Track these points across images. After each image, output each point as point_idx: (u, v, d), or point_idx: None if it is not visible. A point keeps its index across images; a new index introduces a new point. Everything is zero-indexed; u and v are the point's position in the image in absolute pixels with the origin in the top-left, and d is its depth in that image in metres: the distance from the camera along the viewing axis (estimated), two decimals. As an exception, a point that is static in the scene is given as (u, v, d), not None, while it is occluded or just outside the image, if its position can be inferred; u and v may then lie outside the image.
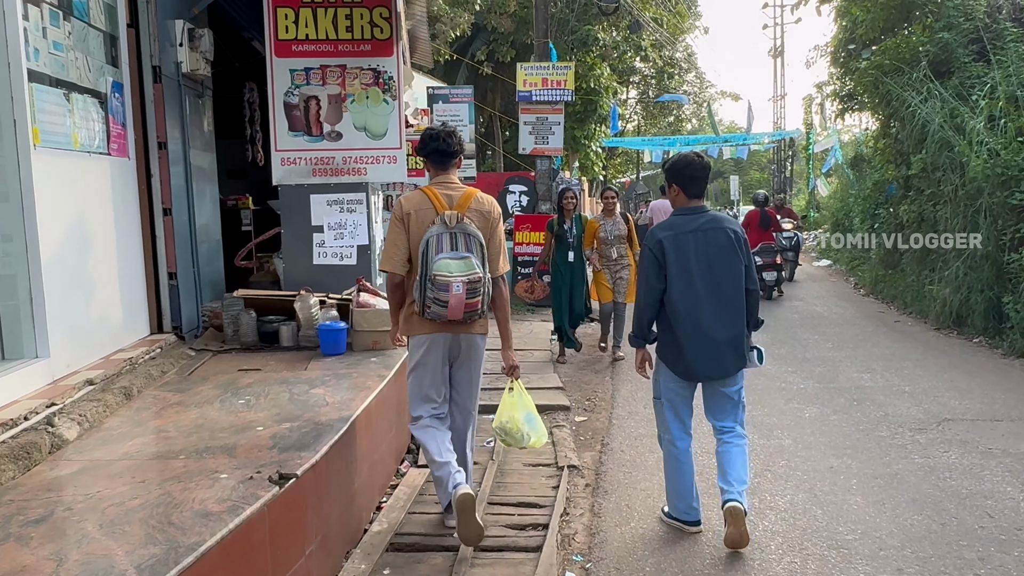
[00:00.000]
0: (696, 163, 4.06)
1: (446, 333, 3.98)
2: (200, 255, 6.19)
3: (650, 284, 4.00)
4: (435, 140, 4.07)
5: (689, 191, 4.06)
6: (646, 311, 4.07)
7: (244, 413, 4.10)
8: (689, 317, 3.93)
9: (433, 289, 3.76)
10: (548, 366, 8.30)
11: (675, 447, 4.19)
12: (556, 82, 12.01)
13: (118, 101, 5.28)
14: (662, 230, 4.04)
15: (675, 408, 4.18)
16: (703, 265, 3.91)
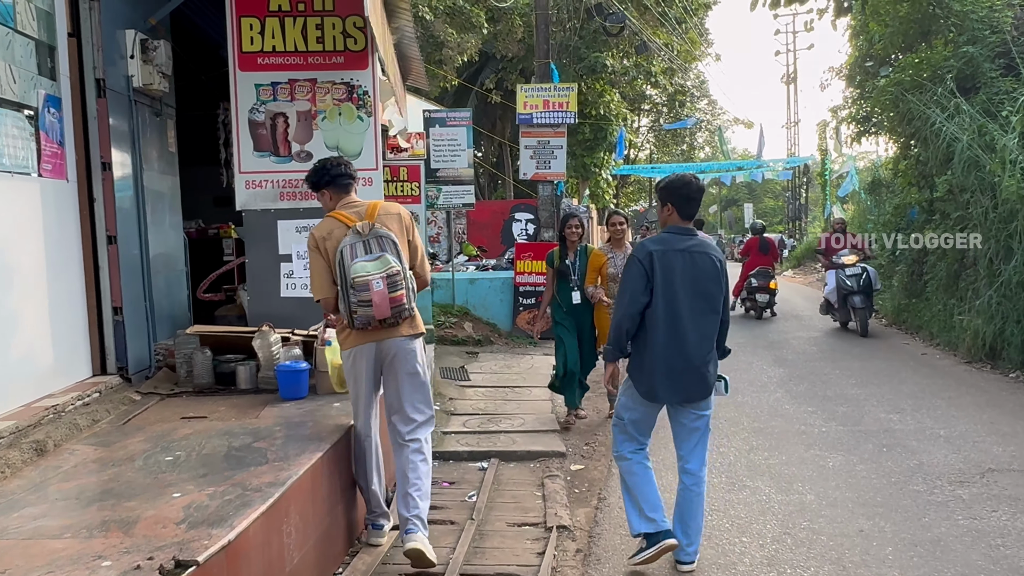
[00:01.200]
0: (693, 184, 4.01)
1: (370, 343, 4.01)
2: (155, 287, 5.61)
3: (634, 296, 3.89)
4: (336, 167, 4.20)
5: (683, 211, 3.99)
6: (626, 322, 3.94)
7: (166, 474, 3.48)
8: (665, 335, 3.87)
9: (355, 293, 3.81)
10: (546, 406, 7.63)
11: (628, 459, 4.14)
12: (558, 104, 11.48)
13: (54, 117, 4.74)
14: (653, 244, 3.96)
15: (637, 428, 4.13)
16: (687, 286, 3.87)
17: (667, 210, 4.00)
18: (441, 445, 6.19)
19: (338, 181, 4.17)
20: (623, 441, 4.20)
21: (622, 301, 3.96)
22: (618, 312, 3.97)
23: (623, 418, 4.18)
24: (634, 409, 4.10)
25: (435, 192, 11.40)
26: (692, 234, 3.99)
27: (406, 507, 4.05)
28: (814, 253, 11.90)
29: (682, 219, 3.97)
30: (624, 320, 3.93)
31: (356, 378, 4.12)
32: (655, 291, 3.85)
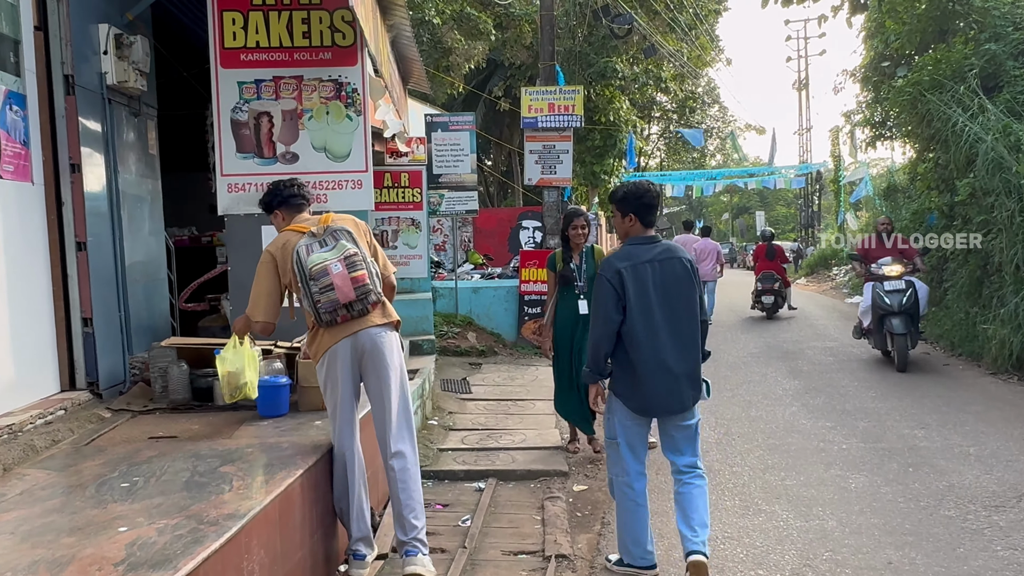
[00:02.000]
0: (652, 191, 3.96)
1: (344, 339, 3.79)
2: (131, 297, 5.30)
3: (608, 316, 3.80)
4: (289, 188, 4.11)
5: (645, 220, 3.92)
6: (603, 344, 3.86)
7: (117, 504, 3.13)
8: (649, 349, 3.78)
9: (315, 283, 3.68)
10: (549, 420, 7.25)
11: (632, 489, 3.95)
12: (563, 107, 11.13)
13: (17, 115, 4.43)
14: (619, 260, 3.84)
15: (632, 447, 3.96)
16: (660, 296, 3.80)
17: (629, 220, 3.92)
18: (437, 463, 5.83)
19: (291, 201, 4.08)
20: (624, 462, 3.98)
21: (596, 323, 3.92)
22: (594, 333, 3.90)
23: (616, 439, 4.00)
24: (627, 427, 3.97)
25: (437, 198, 11.08)
26: (655, 241, 3.93)
27: (403, 530, 3.81)
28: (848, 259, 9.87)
29: (644, 228, 3.92)
30: (601, 341, 3.85)
31: (333, 385, 3.84)
32: (629, 308, 3.77)
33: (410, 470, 3.91)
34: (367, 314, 3.81)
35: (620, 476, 3.97)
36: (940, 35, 10.64)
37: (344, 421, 3.88)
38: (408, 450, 3.93)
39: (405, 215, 10.49)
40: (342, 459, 3.89)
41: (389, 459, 3.88)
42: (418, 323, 9.47)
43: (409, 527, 3.82)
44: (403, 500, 3.85)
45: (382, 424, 3.92)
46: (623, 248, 3.96)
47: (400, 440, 3.91)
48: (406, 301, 9.63)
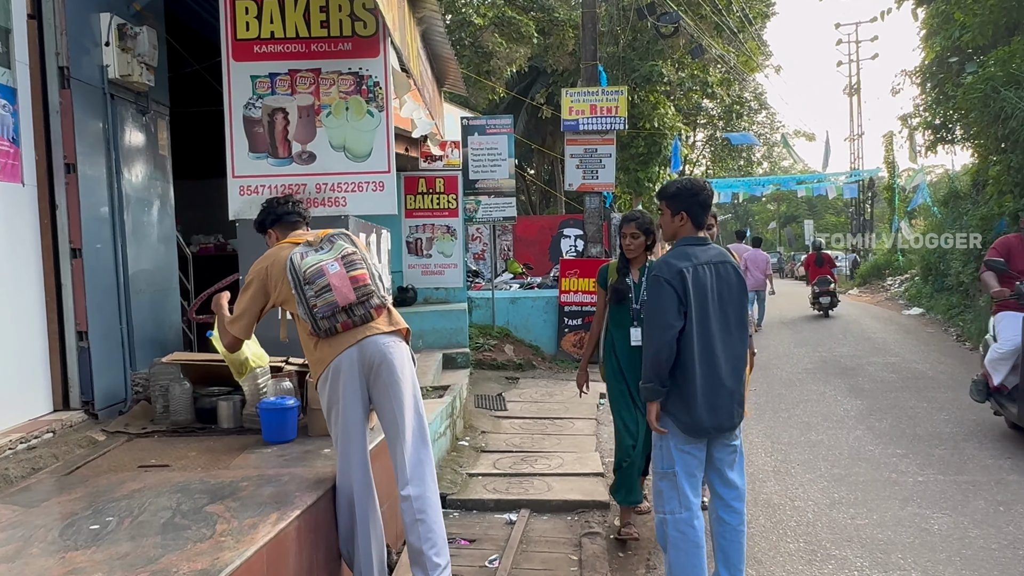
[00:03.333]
0: (708, 189, 3.58)
1: (349, 349, 3.37)
2: (135, 308, 4.90)
3: (668, 321, 3.36)
4: (284, 205, 3.83)
5: (698, 220, 3.54)
6: (664, 351, 3.38)
7: (78, 553, 2.68)
8: (705, 362, 3.40)
9: (311, 287, 3.34)
10: (589, 442, 6.71)
11: (692, 528, 3.43)
12: (606, 109, 10.60)
13: (4, 110, 4.06)
14: (678, 260, 3.43)
15: (691, 477, 3.47)
16: (716, 303, 3.44)
17: (680, 219, 3.55)
18: (465, 491, 5.33)
19: (285, 219, 3.80)
20: (686, 496, 3.45)
21: (654, 331, 3.43)
22: (653, 342, 3.42)
23: (671, 470, 3.46)
24: (684, 454, 3.46)
25: (474, 205, 10.62)
26: (707, 243, 3.59)
27: (423, 570, 3.39)
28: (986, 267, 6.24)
29: (695, 229, 3.55)
30: (662, 350, 3.38)
31: (337, 405, 3.40)
32: (690, 314, 3.37)
33: (429, 498, 3.47)
34: (370, 320, 3.42)
35: (677, 513, 3.45)
36: (1014, 28, 9.88)
37: (353, 448, 3.40)
38: (427, 477, 3.49)
39: (440, 222, 10.08)
40: (348, 494, 3.41)
41: (404, 489, 3.43)
42: (452, 335, 9.01)
43: (431, 566, 3.38)
44: (422, 534, 3.40)
45: (396, 449, 3.46)
46: (678, 248, 3.52)
47: (417, 466, 3.46)
48: (440, 312, 9.20)
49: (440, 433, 5.79)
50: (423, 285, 9.95)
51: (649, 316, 3.48)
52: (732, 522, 3.54)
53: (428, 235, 10.10)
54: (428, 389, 6.81)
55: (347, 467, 3.40)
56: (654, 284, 3.43)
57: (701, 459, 3.50)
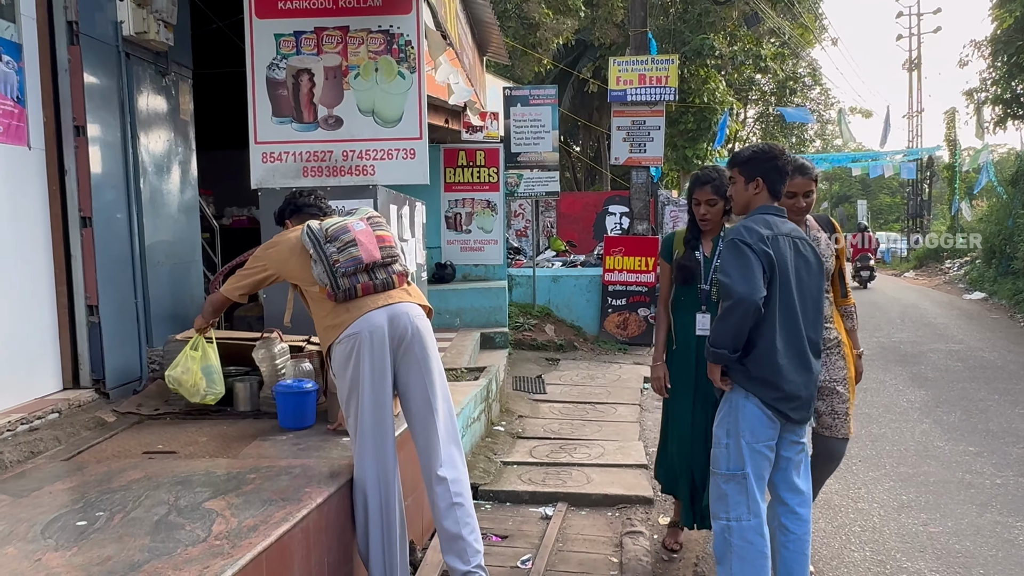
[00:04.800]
0: (786, 156, 3.20)
1: (372, 313, 3.07)
2: (152, 282, 4.63)
3: (755, 283, 2.93)
4: (304, 197, 3.68)
5: (775, 189, 3.17)
6: (747, 319, 2.93)
7: (56, 554, 2.39)
8: (791, 342, 3.03)
9: (333, 244, 3.10)
10: (632, 429, 6.33)
11: (761, 537, 3.04)
12: (656, 79, 10.08)
13: (8, 67, 3.78)
14: (761, 227, 3.04)
15: (761, 480, 3.07)
16: (796, 279, 3.08)
17: (755, 187, 3.17)
18: (499, 481, 4.99)
19: (304, 211, 3.61)
20: (737, 503, 3.05)
21: (738, 287, 2.94)
22: (736, 309, 2.95)
23: (743, 471, 3.04)
24: (756, 453, 3.05)
25: (515, 179, 10.22)
26: (785, 215, 3.21)
27: (462, 556, 3.11)
28: None
29: (772, 198, 3.17)
30: (746, 317, 2.94)
31: (361, 382, 3.04)
32: (772, 287, 3.00)
33: (465, 482, 3.23)
34: (392, 287, 3.18)
35: (744, 519, 3.04)
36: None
37: (382, 433, 3.08)
38: (459, 461, 3.25)
39: (480, 196, 9.71)
40: (364, 486, 3.08)
41: (441, 470, 3.15)
42: (491, 314, 8.68)
43: (471, 552, 3.12)
44: (460, 518, 3.13)
45: (430, 430, 3.17)
46: (757, 215, 3.12)
47: (450, 452, 3.21)
48: (479, 289, 8.87)
49: (474, 418, 5.46)
50: (462, 262, 9.61)
51: (730, 276, 2.99)
52: (797, 531, 3.14)
53: (468, 210, 9.74)
54: (463, 370, 6.49)
55: (372, 455, 3.08)
56: (732, 249, 3.01)
57: (772, 460, 3.10)
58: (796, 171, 3.42)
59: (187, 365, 3.81)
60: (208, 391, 3.85)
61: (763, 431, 3.04)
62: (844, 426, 3.59)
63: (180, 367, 3.83)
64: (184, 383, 3.81)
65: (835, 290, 3.74)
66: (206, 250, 6.05)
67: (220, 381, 3.91)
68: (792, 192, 3.45)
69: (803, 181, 3.48)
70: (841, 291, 3.75)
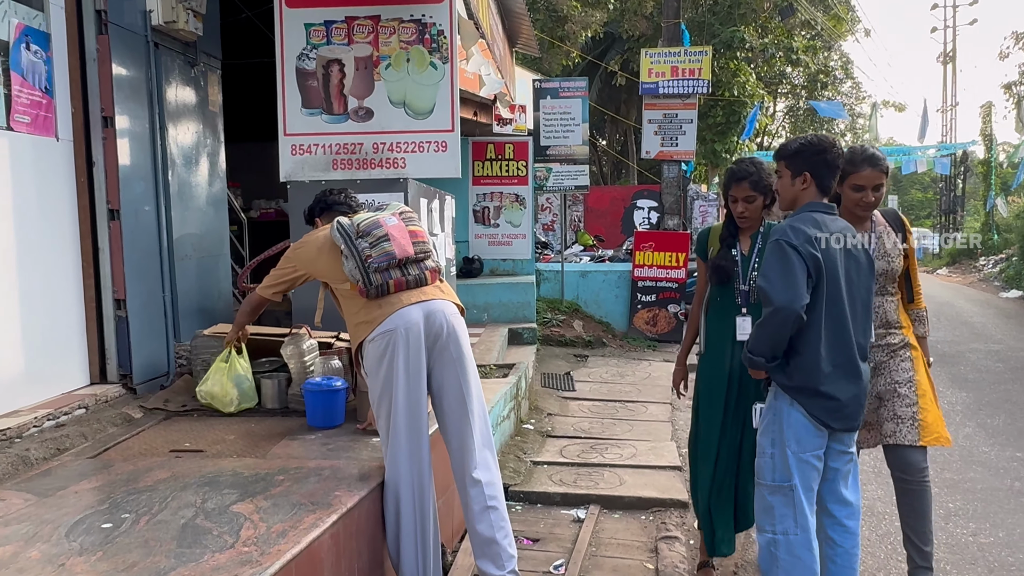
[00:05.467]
0: (837, 148, 2.98)
1: (406, 309, 2.99)
2: (180, 275, 4.57)
3: (798, 291, 2.76)
4: (335, 195, 3.58)
5: (823, 183, 2.96)
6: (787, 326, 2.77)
7: (79, 560, 2.31)
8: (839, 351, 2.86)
9: (365, 239, 3.02)
10: (663, 430, 6.19)
11: (811, 553, 2.87)
12: (688, 71, 9.89)
13: (36, 56, 3.71)
14: (810, 227, 2.84)
15: (810, 492, 2.91)
16: (846, 282, 2.89)
17: (802, 182, 2.98)
18: (529, 482, 4.89)
19: (335, 208, 3.52)
20: (784, 516, 2.89)
21: (779, 294, 2.78)
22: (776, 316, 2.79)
23: (790, 483, 2.88)
24: (804, 463, 2.89)
25: (544, 172, 10.09)
26: (835, 212, 3.00)
27: (495, 562, 3.04)
28: None
29: (821, 194, 2.97)
30: (790, 319, 2.77)
31: (395, 381, 2.96)
32: (818, 292, 2.82)
33: (498, 484, 3.16)
34: (424, 283, 3.10)
35: (791, 533, 2.88)
36: None
37: (411, 433, 2.98)
38: (493, 464, 3.18)
39: (508, 190, 9.60)
40: (398, 489, 2.99)
41: (475, 472, 3.07)
42: (519, 309, 8.57)
43: (505, 557, 3.05)
44: (495, 521, 3.06)
45: (464, 432, 3.09)
46: (804, 213, 2.92)
47: (484, 455, 3.13)
48: (507, 284, 8.76)
49: (504, 416, 5.35)
50: (489, 256, 9.50)
51: (771, 283, 2.81)
52: (845, 544, 3.00)
53: (496, 204, 9.63)
54: (492, 367, 6.38)
55: (406, 456, 2.98)
56: (776, 251, 2.81)
57: (820, 470, 2.94)
58: (864, 162, 3.19)
59: (217, 378, 3.86)
60: (241, 401, 3.91)
61: (810, 440, 2.89)
62: (912, 432, 3.24)
63: (211, 381, 3.88)
64: (216, 396, 3.87)
65: (902, 292, 3.42)
66: (234, 243, 6.00)
67: (252, 390, 3.94)
68: (860, 185, 3.20)
69: (872, 173, 3.19)
70: (908, 295, 3.43)
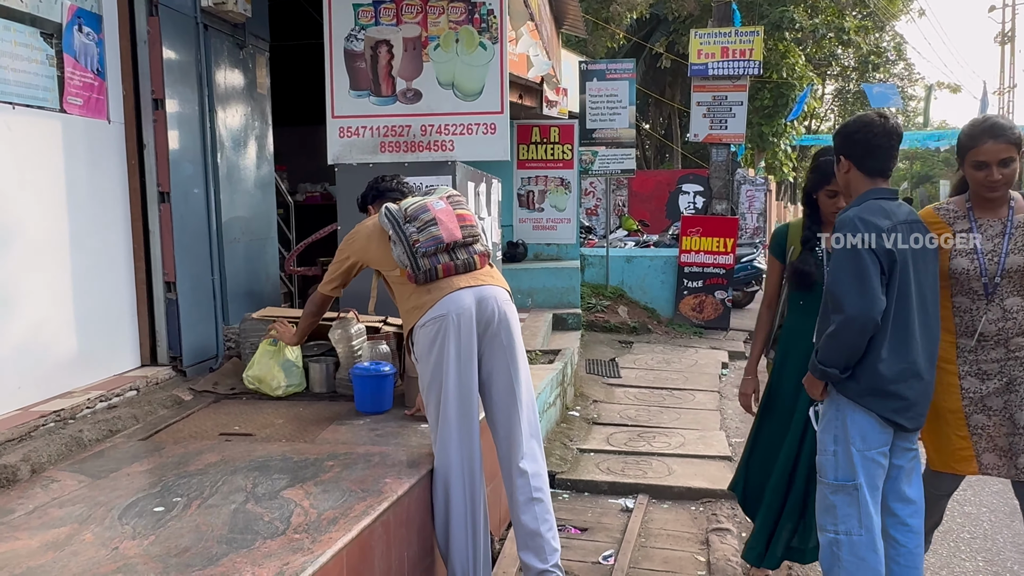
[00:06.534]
0: (876, 124, 2.67)
1: (456, 293, 2.93)
2: (228, 258, 4.58)
3: (875, 294, 2.55)
4: (387, 182, 3.56)
5: (865, 166, 2.69)
6: (864, 333, 2.58)
7: (133, 543, 2.30)
8: (898, 347, 2.65)
9: (413, 224, 2.98)
10: (712, 419, 6.07)
11: (876, 554, 2.72)
12: (739, 51, 9.65)
13: (88, 39, 3.71)
14: (879, 217, 2.60)
15: (875, 491, 2.74)
16: (914, 272, 2.66)
17: (843, 167, 2.77)
18: (576, 470, 4.83)
19: (387, 195, 3.48)
20: (848, 516, 2.74)
21: (852, 302, 2.56)
22: (847, 315, 2.57)
23: (855, 481, 2.72)
24: (869, 461, 2.72)
25: (590, 156, 9.96)
26: (897, 196, 2.74)
27: (539, 555, 2.97)
28: None
29: (869, 177, 2.70)
30: (867, 328, 2.57)
31: (445, 367, 2.89)
32: (889, 287, 2.61)
33: (544, 476, 3.10)
34: (474, 268, 3.03)
35: (855, 533, 2.73)
36: None
37: (461, 420, 2.92)
38: (539, 454, 3.12)
39: (554, 174, 9.49)
40: (448, 477, 2.93)
41: (522, 462, 3.01)
42: (563, 294, 8.48)
43: (549, 550, 2.99)
44: (539, 514, 3.00)
45: (512, 421, 3.02)
46: (870, 202, 2.67)
47: (531, 445, 3.07)
48: (551, 269, 8.67)
49: (550, 403, 5.29)
50: (534, 241, 9.42)
51: (842, 288, 2.61)
52: (908, 544, 2.85)
53: (540, 187, 9.54)
54: (537, 353, 6.31)
55: (456, 444, 2.92)
56: (846, 250, 2.60)
57: (886, 467, 2.78)
58: (984, 134, 2.67)
59: (264, 362, 3.89)
60: (288, 384, 3.91)
61: (875, 437, 2.71)
62: None
63: (257, 365, 3.91)
64: (264, 380, 3.89)
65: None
66: (280, 227, 6.00)
67: (300, 375, 3.95)
68: (982, 161, 2.69)
69: (996, 146, 2.64)
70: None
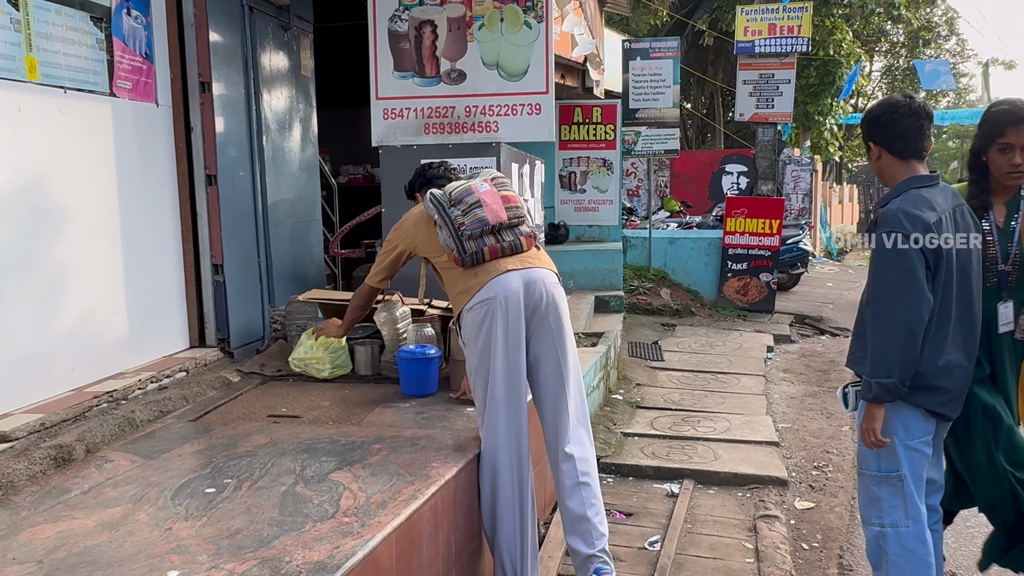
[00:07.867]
0: (902, 105, 2.60)
1: (504, 276, 2.89)
2: (274, 240, 4.60)
3: (924, 295, 2.49)
4: (434, 169, 3.47)
5: (895, 148, 2.61)
6: (916, 336, 2.50)
7: (186, 524, 2.33)
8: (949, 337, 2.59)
9: (458, 207, 2.94)
10: (758, 403, 5.98)
11: (924, 545, 2.67)
12: (787, 28, 9.41)
13: (137, 22, 3.73)
14: (924, 209, 2.51)
15: (920, 481, 2.69)
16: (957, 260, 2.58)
17: (875, 154, 2.69)
18: (620, 454, 4.79)
19: (435, 183, 3.34)
20: (894, 507, 2.68)
21: (899, 307, 2.51)
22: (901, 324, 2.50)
23: (899, 472, 2.66)
24: (912, 451, 2.66)
25: (633, 136, 9.82)
26: (938, 180, 2.62)
27: (585, 541, 2.93)
28: None
29: (901, 160, 2.62)
30: (917, 333, 2.50)
31: (493, 349, 2.86)
32: (935, 282, 2.54)
33: (591, 460, 3.07)
34: (520, 250, 2.98)
35: (902, 525, 2.69)
36: None
37: (509, 404, 2.89)
38: (587, 438, 3.09)
39: (596, 155, 9.38)
40: (496, 461, 2.91)
41: (568, 447, 2.99)
42: (605, 276, 8.41)
43: (596, 535, 2.95)
44: (586, 498, 2.96)
45: (557, 409, 3.00)
46: (912, 192, 2.57)
47: (578, 431, 3.04)
48: (593, 251, 8.60)
49: (593, 386, 5.25)
50: (575, 222, 9.34)
51: (886, 292, 2.54)
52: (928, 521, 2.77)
53: (583, 168, 9.44)
54: (580, 336, 6.27)
55: (504, 428, 2.90)
56: (890, 250, 2.51)
57: (930, 457, 2.72)
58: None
59: (310, 345, 3.91)
60: (334, 367, 3.93)
61: (919, 426, 2.65)
62: None
63: (303, 348, 3.93)
64: (310, 362, 3.91)
65: None
66: (324, 209, 6.02)
67: (345, 357, 3.97)
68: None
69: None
70: None
